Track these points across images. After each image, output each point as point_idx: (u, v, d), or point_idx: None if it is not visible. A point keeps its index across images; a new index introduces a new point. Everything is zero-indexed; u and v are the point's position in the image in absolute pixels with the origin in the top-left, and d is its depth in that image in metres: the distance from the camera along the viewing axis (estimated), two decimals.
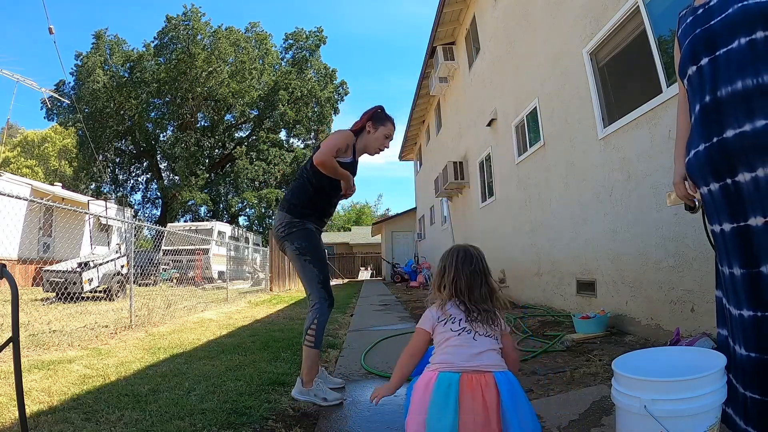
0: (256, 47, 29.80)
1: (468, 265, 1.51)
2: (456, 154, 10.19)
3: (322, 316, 2.31)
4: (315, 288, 2.34)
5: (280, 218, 2.41)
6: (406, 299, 8.65)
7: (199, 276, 14.19)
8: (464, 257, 1.53)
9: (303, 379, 2.27)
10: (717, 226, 1.38)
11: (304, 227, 2.36)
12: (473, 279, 1.49)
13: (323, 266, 2.39)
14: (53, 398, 2.36)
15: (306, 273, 2.36)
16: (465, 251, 1.56)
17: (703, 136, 1.35)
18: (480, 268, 1.52)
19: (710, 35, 1.34)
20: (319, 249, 2.42)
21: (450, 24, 9.70)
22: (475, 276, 1.50)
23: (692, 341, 2.60)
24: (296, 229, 2.35)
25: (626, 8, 3.62)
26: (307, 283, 2.38)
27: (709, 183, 1.37)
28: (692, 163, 1.42)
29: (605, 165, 4.04)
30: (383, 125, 2.49)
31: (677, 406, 1.19)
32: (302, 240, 2.35)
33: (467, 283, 1.48)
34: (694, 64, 1.38)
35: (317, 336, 2.28)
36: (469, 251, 1.56)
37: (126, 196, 29.51)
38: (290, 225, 2.36)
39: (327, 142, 2.35)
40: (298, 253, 2.35)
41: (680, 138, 1.56)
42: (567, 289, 4.90)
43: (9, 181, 11.62)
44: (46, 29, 21.56)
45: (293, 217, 2.36)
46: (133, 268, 6.03)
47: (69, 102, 25.96)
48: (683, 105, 1.55)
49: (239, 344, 3.90)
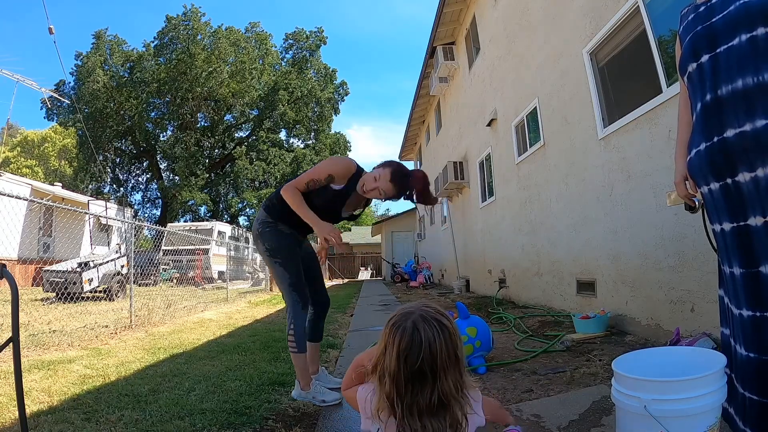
0: (256, 47, 29.80)
1: (412, 359, 0.99)
2: (456, 154, 10.19)
3: (297, 319, 2.23)
4: (286, 291, 2.26)
5: (259, 215, 2.34)
6: (406, 299, 8.64)
7: (199, 276, 14.19)
8: (409, 345, 1.00)
9: (299, 382, 2.28)
10: (717, 226, 1.38)
11: (276, 228, 2.27)
12: (415, 383, 0.99)
13: (295, 269, 2.27)
14: (53, 398, 2.36)
15: (277, 274, 2.28)
16: (412, 332, 1.01)
17: (704, 135, 1.35)
18: (433, 365, 0.99)
19: (711, 32, 1.33)
20: (292, 251, 2.29)
21: (450, 24, 9.69)
22: (419, 378, 0.99)
23: (692, 341, 2.60)
24: (269, 229, 2.27)
25: (626, 8, 3.62)
26: (279, 286, 2.30)
27: (710, 182, 1.36)
28: (693, 162, 1.41)
29: (605, 165, 4.04)
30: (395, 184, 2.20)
31: (677, 406, 1.19)
32: (272, 241, 2.26)
33: (407, 386, 1.00)
34: (695, 61, 1.38)
35: (297, 340, 2.22)
36: (417, 332, 1.01)
37: (126, 196, 29.54)
38: (265, 224, 2.28)
39: (312, 168, 2.22)
40: (269, 255, 2.27)
41: (681, 137, 1.55)
42: (567, 289, 4.90)
43: (9, 181, 11.62)
44: (46, 29, 21.58)
45: (269, 216, 2.28)
46: (133, 268, 6.03)
47: (69, 102, 25.99)
48: (684, 103, 1.54)
49: (239, 344, 3.90)
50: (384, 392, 1.02)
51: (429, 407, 0.99)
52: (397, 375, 0.99)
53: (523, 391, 2.29)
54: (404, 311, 1.07)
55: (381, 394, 1.03)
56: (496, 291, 7.06)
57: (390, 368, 1.00)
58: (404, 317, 1.05)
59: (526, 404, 2.07)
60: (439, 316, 1.05)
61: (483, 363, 2.76)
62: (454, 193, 10.37)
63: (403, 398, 0.99)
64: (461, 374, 1.04)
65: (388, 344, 1.03)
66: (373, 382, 1.08)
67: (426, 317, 1.04)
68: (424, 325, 1.02)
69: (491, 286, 7.55)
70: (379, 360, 1.05)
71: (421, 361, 0.98)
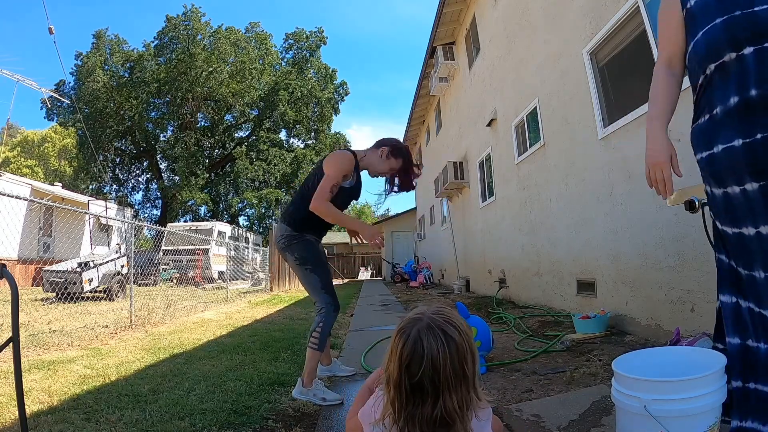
0: (256, 47, 29.80)
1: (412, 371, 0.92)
2: (456, 154, 10.19)
3: (327, 319, 2.38)
4: (320, 294, 2.41)
5: (281, 230, 2.47)
6: (406, 299, 8.64)
7: (199, 276, 14.19)
8: (410, 355, 0.93)
9: (303, 380, 2.31)
10: (751, 229, 1.27)
11: (303, 239, 2.44)
12: (416, 395, 0.93)
13: (324, 272, 2.45)
14: (53, 398, 2.36)
15: (309, 281, 2.43)
16: (415, 342, 0.94)
17: (742, 131, 1.24)
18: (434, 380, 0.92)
19: (756, 22, 1.22)
20: (320, 256, 2.49)
21: (450, 24, 9.70)
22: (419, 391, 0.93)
23: (692, 341, 2.59)
24: (296, 242, 2.43)
25: (626, 8, 3.62)
26: (311, 290, 2.45)
27: (745, 182, 1.25)
28: (720, 158, 1.29)
29: (605, 165, 4.04)
30: (397, 158, 2.49)
31: (677, 406, 1.19)
32: (302, 251, 2.43)
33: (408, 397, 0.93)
34: (735, 51, 1.25)
35: (321, 339, 2.34)
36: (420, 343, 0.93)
37: (126, 196, 29.54)
38: (290, 237, 2.43)
39: (324, 181, 2.28)
40: (299, 263, 2.43)
41: (661, 108, 1.47)
42: (567, 289, 4.90)
43: (9, 181, 11.62)
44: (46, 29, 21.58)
45: (293, 230, 2.43)
46: (133, 268, 6.03)
47: (69, 102, 26.00)
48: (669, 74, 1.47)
49: (239, 344, 3.90)
50: (388, 398, 0.97)
51: (430, 422, 0.92)
52: (399, 383, 0.94)
53: (523, 391, 2.29)
54: (414, 316, 1.00)
55: (386, 400, 0.98)
56: (496, 291, 7.06)
57: (393, 375, 0.95)
58: (411, 323, 0.98)
59: (526, 404, 2.07)
60: (448, 326, 0.96)
61: (483, 363, 2.76)
62: (454, 193, 10.37)
63: (405, 408, 0.93)
64: (469, 391, 0.95)
65: (393, 350, 0.97)
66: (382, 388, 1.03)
67: (432, 326, 0.95)
68: (428, 335, 0.94)
69: (491, 286, 7.55)
70: (387, 363, 0.99)
71: (422, 374, 0.91)
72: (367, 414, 1.06)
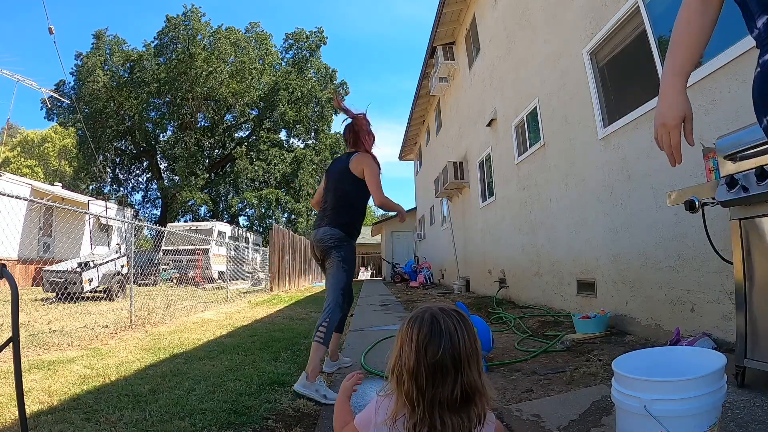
0: (256, 47, 29.80)
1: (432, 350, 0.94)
2: (456, 154, 10.19)
3: (334, 315, 2.56)
4: (337, 291, 2.64)
5: (332, 233, 2.71)
6: (406, 299, 8.64)
7: (199, 276, 14.19)
8: (428, 335, 0.96)
9: (308, 373, 2.35)
10: None
11: (351, 243, 2.78)
12: (436, 375, 0.94)
13: (351, 276, 2.75)
14: (53, 398, 2.36)
15: (338, 277, 2.68)
16: (431, 323, 0.97)
17: None
18: (454, 355, 0.95)
19: None
20: (354, 261, 2.83)
21: (450, 24, 9.70)
22: (440, 371, 0.94)
23: (692, 341, 2.60)
24: (346, 243, 2.74)
25: (626, 8, 3.62)
26: (334, 285, 2.66)
27: None
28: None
29: (605, 165, 4.04)
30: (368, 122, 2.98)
31: (677, 406, 1.19)
32: (349, 253, 2.75)
33: (428, 380, 0.94)
34: None
35: (327, 334, 2.48)
36: (436, 322, 0.97)
37: (126, 196, 29.52)
38: (341, 239, 2.72)
39: (373, 178, 2.72)
40: (341, 261, 2.70)
41: (686, 61, 1.08)
42: (567, 289, 4.90)
43: (9, 181, 11.62)
44: (46, 29, 21.59)
45: (346, 235, 2.75)
46: (133, 268, 6.03)
47: (69, 102, 26.00)
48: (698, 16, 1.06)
49: (239, 344, 3.90)
50: (403, 392, 0.96)
51: (452, 401, 0.94)
52: (417, 370, 0.94)
53: (523, 391, 2.29)
54: (420, 309, 1.03)
55: (399, 396, 0.98)
56: (496, 291, 7.06)
57: (409, 364, 0.95)
58: (422, 311, 1.01)
59: (526, 404, 2.07)
60: (458, 310, 1.03)
61: (483, 363, 2.76)
62: (454, 193, 10.37)
63: (425, 393, 0.94)
64: (480, 372, 1.00)
65: (405, 341, 0.98)
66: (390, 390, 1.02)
67: (445, 309, 1.01)
68: (443, 315, 0.98)
69: (491, 286, 7.55)
70: (396, 362, 0.99)
71: (443, 351, 0.94)
72: (367, 419, 1.06)
